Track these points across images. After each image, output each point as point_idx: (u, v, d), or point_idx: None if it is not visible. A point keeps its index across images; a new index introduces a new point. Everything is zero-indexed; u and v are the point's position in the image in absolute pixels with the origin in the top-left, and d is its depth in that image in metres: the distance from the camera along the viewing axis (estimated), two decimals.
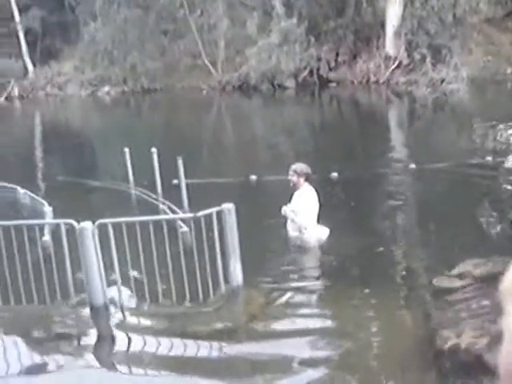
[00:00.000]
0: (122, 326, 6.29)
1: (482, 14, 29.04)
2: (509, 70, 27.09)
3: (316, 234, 8.07)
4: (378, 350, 5.71)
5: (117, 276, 6.39)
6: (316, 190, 8.21)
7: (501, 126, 16.98)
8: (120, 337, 6.10)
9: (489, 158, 12.65)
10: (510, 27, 28.98)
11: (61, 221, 6.32)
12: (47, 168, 15.87)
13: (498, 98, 24.88)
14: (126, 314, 6.44)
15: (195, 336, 5.91)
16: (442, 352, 5.27)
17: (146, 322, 6.31)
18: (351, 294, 6.72)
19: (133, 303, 6.49)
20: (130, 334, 6.07)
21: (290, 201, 8.29)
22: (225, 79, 31.28)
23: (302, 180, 8.07)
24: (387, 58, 28.97)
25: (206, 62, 32.05)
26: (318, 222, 8.15)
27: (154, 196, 10.86)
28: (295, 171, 8.07)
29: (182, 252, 6.44)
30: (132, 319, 6.39)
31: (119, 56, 32.88)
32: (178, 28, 33.24)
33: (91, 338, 6.15)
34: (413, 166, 12.34)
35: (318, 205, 8.08)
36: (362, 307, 6.45)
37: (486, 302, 6.16)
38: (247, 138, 18.97)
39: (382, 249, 8.19)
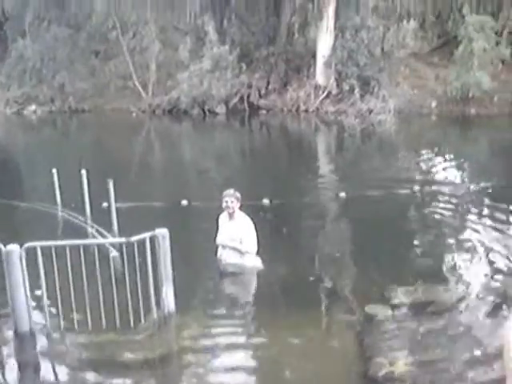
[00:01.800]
0: (47, 354, 6.05)
1: (409, 49, 30.05)
2: (433, 104, 28.01)
3: (253, 260, 8.02)
4: (311, 377, 5.67)
5: (44, 301, 6.16)
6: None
7: (425, 157, 17.52)
8: (45, 366, 5.86)
9: (416, 187, 12.98)
10: (436, 62, 30.01)
11: None
12: None
13: (422, 130, 25.68)
14: (53, 341, 6.21)
15: (125, 365, 5.75)
16: (375, 379, 5.30)
17: (73, 350, 6.07)
18: (284, 321, 6.69)
19: (60, 330, 6.25)
20: (56, 363, 5.84)
21: (217, 227, 8.23)
22: (155, 102, 31.07)
23: (237, 206, 8.03)
24: (317, 87, 29.48)
25: (137, 84, 31.80)
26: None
27: (83, 218, 10.60)
28: (236, 197, 8.01)
29: (113, 277, 6.27)
30: (59, 347, 6.15)
31: (47, 74, 32.27)
32: (110, 49, 32.93)
33: (14, 365, 5.89)
34: (343, 194, 12.51)
35: None
36: (295, 334, 6.41)
37: (417, 330, 6.27)
38: (177, 163, 18.84)
39: (314, 276, 8.21)
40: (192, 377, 5.65)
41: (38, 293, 6.20)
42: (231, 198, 7.98)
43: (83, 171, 10.69)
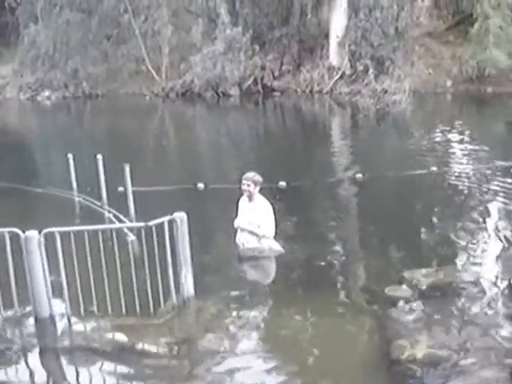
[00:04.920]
0: (68, 339, 6.06)
1: (424, 28, 29.68)
2: (448, 83, 27.72)
3: (271, 244, 7.98)
4: (332, 360, 5.64)
5: (63, 287, 6.16)
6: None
7: (442, 137, 17.36)
8: (65, 351, 5.87)
9: (433, 168, 12.85)
10: (451, 41, 29.66)
11: (5, 230, 6.02)
12: None
13: (438, 110, 25.44)
14: (73, 326, 6.22)
15: (145, 349, 5.74)
16: (397, 362, 5.26)
17: (93, 335, 6.07)
18: (304, 304, 6.66)
19: (80, 315, 6.26)
20: (77, 349, 5.85)
21: (236, 210, 8.19)
22: (168, 86, 30.99)
23: (257, 190, 7.97)
24: (331, 68, 29.28)
25: (150, 68, 31.70)
26: None
27: (99, 203, 10.60)
28: (254, 181, 7.93)
29: (131, 262, 6.26)
30: (79, 332, 6.15)
31: (60, 60, 32.20)
32: (122, 33, 32.74)
33: (35, 351, 5.91)
34: (359, 175, 12.42)
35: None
36: (315, 317, 6.40)
37: (437, 312, 6.22)
38: (192, 146, 18.79)
39: (332, 258, 8.18)
40: (212, 360, 5.63)
41: (58, 279, 6.19)
42: (248, 182, 7.92)
43: (99, 156, 10.67)
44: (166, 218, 6.22)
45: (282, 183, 11.72)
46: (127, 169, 9.84)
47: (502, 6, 26.88)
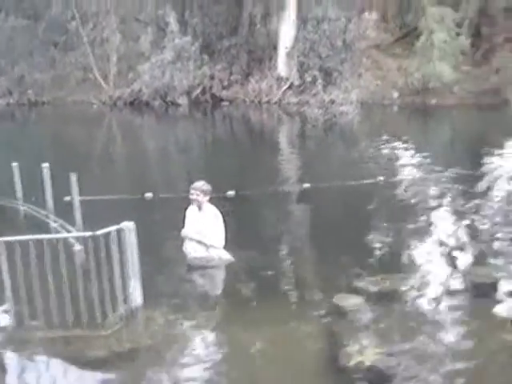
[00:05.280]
0: (12, 351, 5.92)
1: (371, 40, 30.22)
2: (395, 95, 28.26)
3: (220, 253, 7.97)
4: (280, 368, 5.65)
5: (8, 298, 6.02)
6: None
7: (388, 147, 17.67)
8: (10, 363, 5.73)
9: (380, 178, 13.06)
10: (398, 53, 30.28)
11: None
12: None
13: (385, 121, 25.90)
14: (18, 337, 6.07)
15: (92, 360, 5.66)
16: (345, 369, 5.31)
17: (39, 346, 5.95)
18: (252, 313, 6.68)
19: (25, 326, 6.12)
20: (22, 360, 5.72)
21: (183, 220, 8.16)
22: (116, 94, 30.75)
23: (206, 199, 7.95)
24: (279, 78, 29.55)
25: (98, 76, 31.42)
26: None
27: (45, 213, 10.40)
28: (202, 191, 7.92)
29: (78, 272, 6.17)
30: (24, 344, 6.02)
31: (6, 66, 31.61)
32: (70, 40, 32.41)
33: None
34: (307, 184, 12.53)
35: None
36: (264, 326, 6.38)
37: (385, 319, 6.31)
38: (140, 155, 18.66)
39: (281, 267, 8.24)
40: (161, 371, 5.59)
41: (1, 289, 6.05)
42: (197, 191, 7.91)
43: (45, 164, 10.48)
44: (113, 228, 6.15)
45: (231, 192, 11.73)
46: (74, 178, 9.68)
47: (446, 20, 27.58)
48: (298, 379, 5.48)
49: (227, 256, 8.00)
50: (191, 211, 8.14)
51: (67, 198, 10.25)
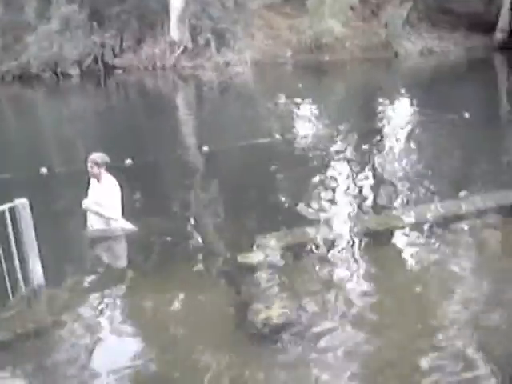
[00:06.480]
0: None
1: (262, 0, 30.18)
2: (288, 53, 28.48)
3: (122, 223, 7.84)
4: (192, 330, 5.68)
5: None
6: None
7: (284, 105, 17.88)
8: None
9: (277, 136, 13.21)
10: (289, 12, 30.45)
11: None
12: None
13: (279, 79, 26.09)
14: None
15: None
16: (253, 324, 5.39)
17: None
18: (158, 279, 6.63)
19: None
20: None
21: (86, 192, 7.97)
22: (3, 69, 29.30)
23: (102, 170, 7.77)
24: (172, 43, 29.05)
25: None
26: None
27: None
28: (96, 162, 7.72)
29: None
30: None
31: None
32: None
33: None
34: (206, 148, 12.47)
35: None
36: (173, 291, 6.37)
37: (290, 274, 6.44)
38: (32, 130, 17.96)
39: (185, 231, 8.22)
40: (70, 348, 5.47)
41: None
42: (90, 164, 7.73)
43: None
44: (6, 206, 5.93)
45: (128, 161, 11.51)
46: None
47: None
48: (209, 339, 5.51)
49: (129, 226, 7.88)
50: (93, 183, 7.95)
51: None
